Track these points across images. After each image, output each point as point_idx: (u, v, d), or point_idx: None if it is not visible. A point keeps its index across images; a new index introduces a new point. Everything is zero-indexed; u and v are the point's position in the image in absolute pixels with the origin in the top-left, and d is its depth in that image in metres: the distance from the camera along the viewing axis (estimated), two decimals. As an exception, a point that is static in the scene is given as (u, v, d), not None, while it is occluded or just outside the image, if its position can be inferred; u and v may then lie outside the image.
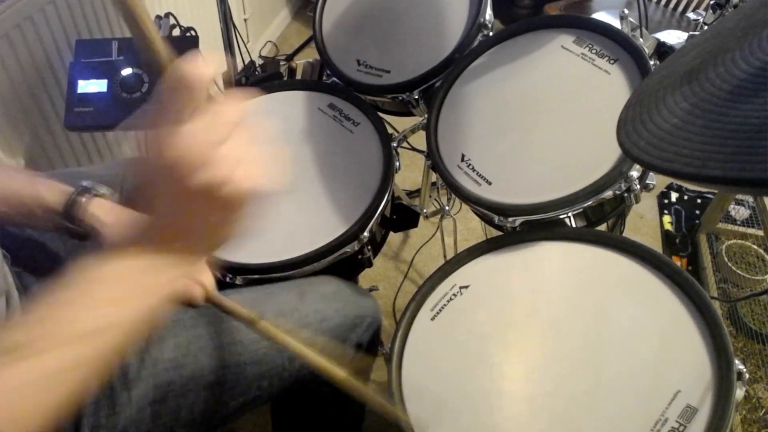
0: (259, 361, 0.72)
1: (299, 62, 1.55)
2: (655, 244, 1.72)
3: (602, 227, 0.88)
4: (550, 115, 0.86)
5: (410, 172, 1.85)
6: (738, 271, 1.53)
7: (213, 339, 0.70)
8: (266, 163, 0.39)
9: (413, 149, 1.56)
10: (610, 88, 0.82)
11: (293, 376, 0.76)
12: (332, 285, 0.83)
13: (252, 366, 0.72)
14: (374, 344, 0.88)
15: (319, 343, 0.73)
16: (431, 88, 1.00)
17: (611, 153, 0.78)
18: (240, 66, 1.53)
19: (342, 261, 0.85)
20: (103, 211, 0.67)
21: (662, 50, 0.99)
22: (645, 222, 1.78)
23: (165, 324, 0.69)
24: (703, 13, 1.03)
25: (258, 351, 0.72)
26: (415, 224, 1.15)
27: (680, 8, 1.93)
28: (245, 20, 2.18)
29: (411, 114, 1.10)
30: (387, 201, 0.89)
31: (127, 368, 0.65)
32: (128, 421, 0.64)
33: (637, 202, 0.80)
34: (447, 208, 1.43)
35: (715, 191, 1.67)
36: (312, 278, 0.83)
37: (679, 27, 1.87)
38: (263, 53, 2.40)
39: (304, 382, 0.78)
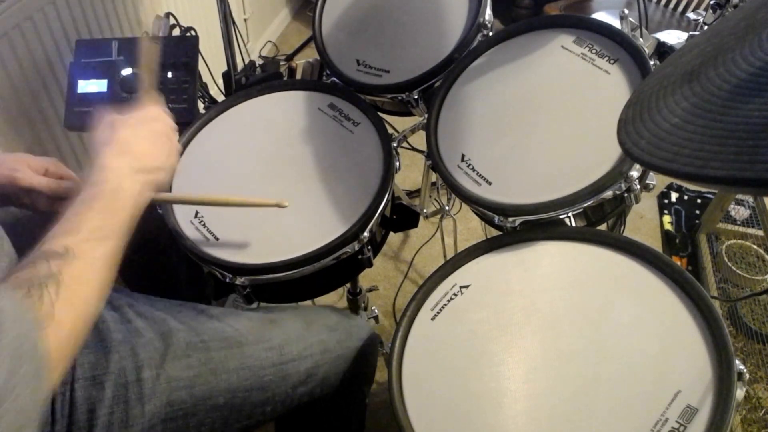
0: (264, 388, 0.74)
1: (299, 62, 1.55)
2: (655, 244, 1.72)
3: (602, 227, 0.88)
4: (550, 115, 0.86)
5: (410, 172, 1.85)
6: (738, 271, 1.53)
7: (222, 363, 0.72)
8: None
9: (413, 149, 1.56)
10: (610, 88, 0.82)
11: (295, 402, 0.78)
12: (335, 315, 0.86)
13: (258, 392, 0.74)
14: (371, 367, 0.91)
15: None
16: (431, 88, 1.00)
17: (611, 153, 0.78)
18: (240, 66, 1.53)
19: (342, 261, 0.85)
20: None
21: (662, 50, 0.99)
22: (645, 222, 1.79)
23: (178, 344, 0.71)
24: (703, 13, 1.03)
25: (264, 378, 0.74)
26: (415, 224, 1.15)
27: (680, 8, 1.94)
28: (245, 20, 2.18)
29: (411, 114, 1.09)
30: (387, 201, 0.88)
31: (143, 382, 0.66)
32: None
33: (637, 202, 0.80)
34: (447, 208, 1.43)
35: (715, 191, 1.67)
36: (315, 308, 0.87)
37: (679, 27, 1.87)
38: (263, 53, 2.40)
39: (305, 407, 0.80)
